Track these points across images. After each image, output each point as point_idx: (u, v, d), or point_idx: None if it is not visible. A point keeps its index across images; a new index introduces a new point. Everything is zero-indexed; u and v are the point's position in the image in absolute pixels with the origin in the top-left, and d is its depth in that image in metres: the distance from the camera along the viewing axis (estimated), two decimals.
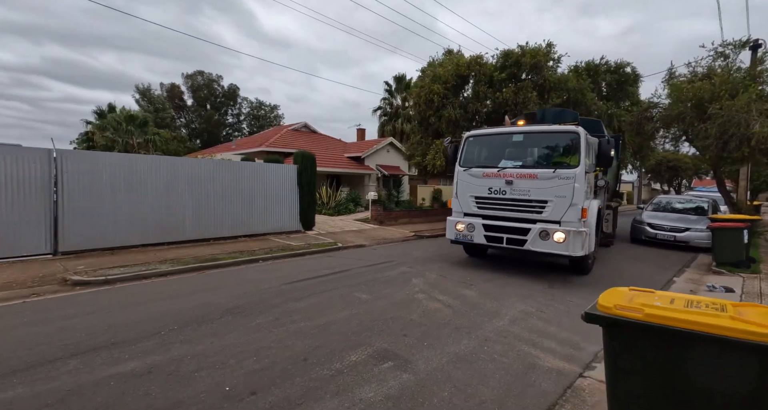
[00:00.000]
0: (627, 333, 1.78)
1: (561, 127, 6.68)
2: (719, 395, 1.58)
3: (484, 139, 7.50)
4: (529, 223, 6.50)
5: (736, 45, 10.77)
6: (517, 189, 6.59)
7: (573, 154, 6.38)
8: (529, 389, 3.08)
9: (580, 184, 6.15)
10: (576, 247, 6.09)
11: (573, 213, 6.14)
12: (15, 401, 2.72)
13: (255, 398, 2.80)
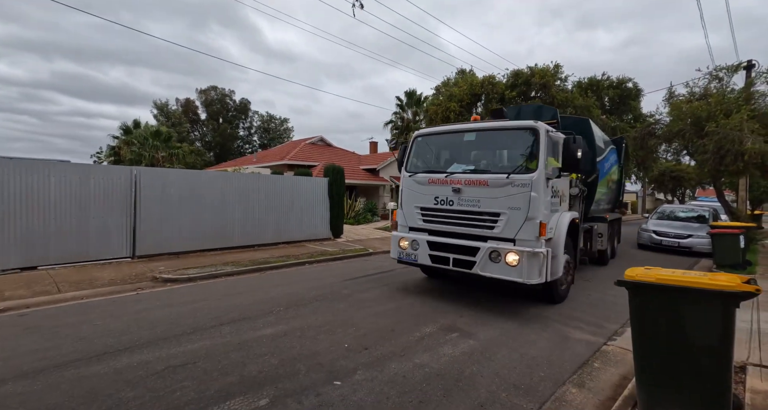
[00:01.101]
0: (644, 291, 2.77)
1: (517, 123, 5.49)
2: (698, 329, 2.57)
3: (434, 140, 6.26)
4: (479, 241, 5.23)
5: (729, 69, 11.89)
6: (466, 198, 5.35)
7: (531, 155, 5.11)
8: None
9: (539, 192, 4.91)
10: (531, 272, 4.81)
11: (529, 229, 4.90)
12: (204, 349, 3.78)
13: (368, 351, 3.84)
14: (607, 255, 9.44)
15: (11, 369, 3.34)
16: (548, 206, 5.19)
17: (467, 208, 5.39)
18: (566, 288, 6.05)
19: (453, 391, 3.19)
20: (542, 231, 4.93)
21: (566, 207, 6.10)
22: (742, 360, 3.72)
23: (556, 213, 5.52)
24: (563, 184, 5.90)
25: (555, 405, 3.04)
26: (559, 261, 5.35)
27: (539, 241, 4.93)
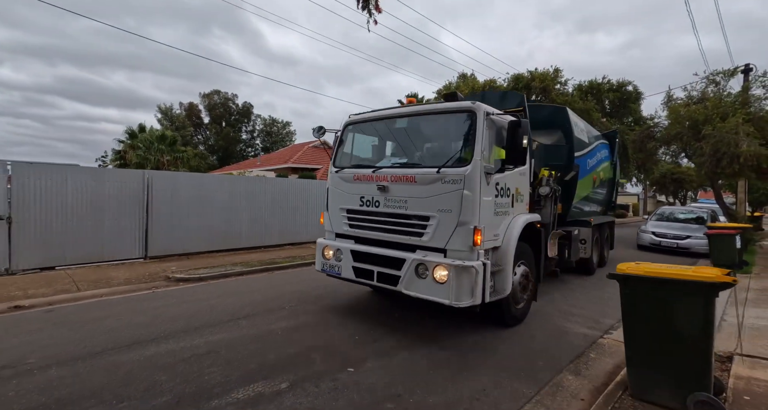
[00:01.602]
0: (633, 283, 3.02)
1: (451, 105, 4.46)
2: (681, 317, 2.82)
3: (367, 127, 5.26)
4: (406, 251, 4.30)
5: (726, 73, 12.16)
6: (393, 198, 4.43)
7: (466, 144, 4.19)
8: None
9: (473, 190, 3.99)
10: (460, 292, 3.87)
11: (460, 236, 3.96)
12: (225, 340, 4.05)
13: (378, 343, 4.11)
14: (592, 264, 8.17)
15: (51, 357, 3.61)
16: (490, 208, 4.24)
17: (394, 210, 4.40)
18: (524, 307, 4.98)
19: (458, 378, 3.43)
20: (476, 240, 3.91)
21: (524, 208, 5.03)
22: (730, 351, 3.96)
23: (504, 216, 4.54)
24: (516, 180, 4.79)
25: (552, 390, 3.28)
26: (506, 276, 4.33)
27: (473, 252, 3.95)
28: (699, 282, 2.73)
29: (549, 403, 3.07)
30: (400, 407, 2.94)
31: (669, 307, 2.85)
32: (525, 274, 4.94)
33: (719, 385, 3.00)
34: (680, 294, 2.80)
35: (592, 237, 7.71)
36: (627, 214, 39.37)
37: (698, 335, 2.75)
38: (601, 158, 8.56)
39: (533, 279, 5.12)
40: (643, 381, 3.00)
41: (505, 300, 4.46)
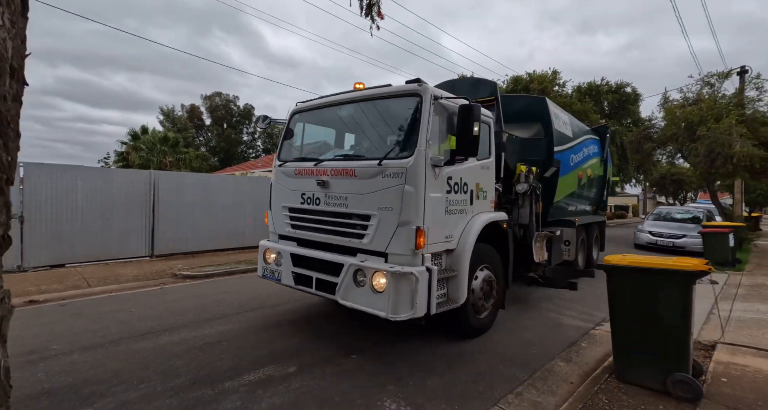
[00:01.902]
0: (618, 273, 3.23)
1: (396, 88, 3.95)
2: (662, 303, 3.02)
3: (314, 116, 4.76)
4: (347, 255, 3.83)
5: (720, 75, 12.39)
6: (333, 195, 3.99)
7: (410, 132, 3.69)
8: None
9: (416, 185, 3.49)
10: (398, 303, 3.35)
11: (401, 238, 3.50)
12: (234, 330, 4.26)
13: (381, 334, 4.30)
14: (577, 268, 7.51)
15: (72, 344, 3.84)
16: (439, 205, 3.74)
17: (334, 209, 3.95)
18: (488, 316, 4.45)
19: (456, 364, 3.64)
20: (419, 242, 3.44)
21: (488, 206, 4.53)
22: (714, 340, 4.16)
23: (461, 215, 4.04)
24: (476, 175, 4.30)
25: (544, 375, 3.49)
26: (460, 282, 3.84)
27: (416, 256, 3.47)
28: (678, 270, 2.94)
29: (540, 385, 3.28)
30: (400, 388, 3.15)
31: (651, 295, 3.06)
32: (488, 280, 4.37)
33: (698, 368, 3.21)
34: (661, 282, 3.01)
35: (576, 238, 7.21)
36: (627, 215, 39.65)
37: (677, 320, 2.95)
38: (588, 154, 8.03)
39: (500, 285, 4.59)
40: (628, 364, 3.21)
41: (461, 310, 3.92)
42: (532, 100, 7.04)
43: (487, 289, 4.38)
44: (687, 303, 2.93)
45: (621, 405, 2.86)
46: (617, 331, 3.27)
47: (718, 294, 6.54)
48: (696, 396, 2.84)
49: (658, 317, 3.02)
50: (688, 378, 2.87)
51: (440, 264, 3.82)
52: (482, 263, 4.34)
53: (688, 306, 2.93)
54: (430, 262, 3.58)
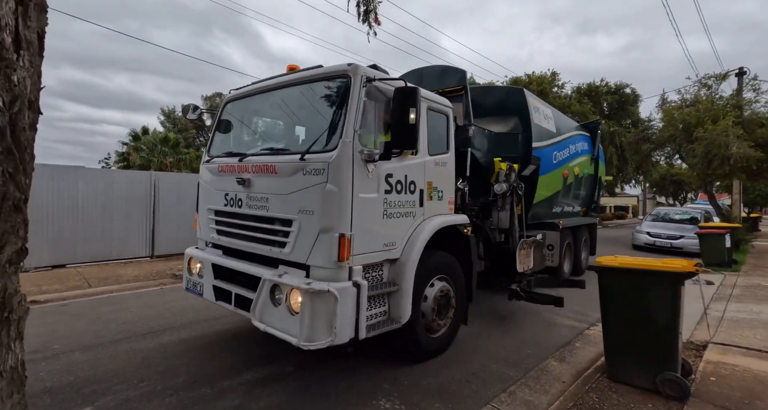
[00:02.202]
0: (609, 274, 3.29)
1: (325, 69, 3.38)
2: (651, 304, 3.08)
3: (249, 105, 4.11)
4: (270, 266, 3.29)
5: (717, 77, 12.45)
6: (254, 195, 3.43)
7: (337, 121, 3.10)
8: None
9: (341, 184, 2.94)
10: (314, 327, 2.80)
11: (323, 248, 2.94)
12: (234, 330, 4.33)
13: None
14: (563, 274, 6.95)
15: (74, 344, 3.90)
16: (374, 207, 3.18)
17: (255, 212, 3.40)
18: (445, 335, 3.89)
19: (451, 364, 3.70)
20: (342, 253, 2.88)
21: (444, 208, 3.98)
22: (706, 340, 4.22)
23: (406, 219, 3.48)
24: (428, 172, 3.74)
25: (537, 374, 3.55)
26: (403, 298, 3.29)
27: (341, 269, 2.91)
28: (666, 272, 3.01)
29: (533, 384, 3.34)
30: (396, 387, 3.21)
31: (641, 295, 3.12)
32: (444, 293, 3.81)
33: (688, 368, 3.27)
34: (650, 283, 3.07)
35: (561, 242, 6.64)
36: (627, 216, 39.75)
37: (666, 321, 3.02)
38: (575, 151, 7.43)
39: (460, 299, 4.01)
40: (618, 364, 3.27)
41: (407, 329, 3.38)
42: (509, 91, 6.39)
43: (443, 304, 3.80)
44: (675, 304, 2.99)
45: (611, 404, 2.92)
46: (608, 332, 3.33)
47: (713, 295, 6.61)
48: (684, 394, 2.90)
49: (648, 317, 3.08)
50: (676, 377, 2.93)
51: (379, 277, 3.28)
52: (437, 273, 3.77)
53: (677, 307, 2.99)
54: (360, 276, 3.02)
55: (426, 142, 3.71)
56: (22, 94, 0.86)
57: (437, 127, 3.94)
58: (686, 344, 4.17)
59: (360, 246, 3.04)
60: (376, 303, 3.21)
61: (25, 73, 0.85)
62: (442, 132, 4.03)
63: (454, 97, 4.69)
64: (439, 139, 3.93)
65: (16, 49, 0.84)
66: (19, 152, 0.90)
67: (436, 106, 3.93)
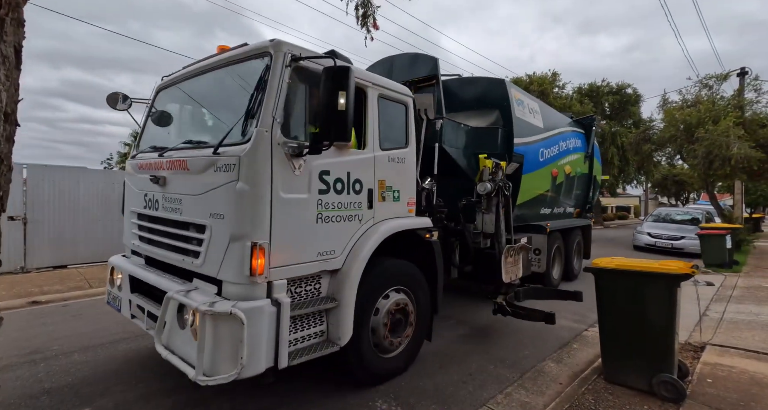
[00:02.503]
0: (606, 275, 3.29)
1: (246, 49, 2.93)
2: (648, 305, 3.08)
3: (181, 91, 3.56)
4: (185, 280, 2.88)
5: (718, 77, 12.42)
6: (169, 196, 3.00)
7: (255, 108, 2.63)
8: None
9: (254, 181, 2.48)
10: (217, 358, 2.33)
11: (233, 259, 2.48)
12: None
13: None
14: (551, 280, 6.49)
15: (73, 345, 3.93)
16: (304, 210, 2.73)
17: (169, 215, 2.97)
18: (403, 355, 3.44)
19: (448, 365, 3.71)
20: (254, 265, 2.41)
21: (400, 210, 3.54)
22: (704, 341, 4.22)
23: (349, 223, 3.05)
24: (380, 169, 3.30)
25: (534, 375, 3.56)
26: (343, 316, 2.85)
27: (256, 285, 2.46)
28: (663, 273, 3.01)
29: (529, 386, 3.35)
30: (393, 389, 3.22)
31: (637, 297, 3.12)
32: (401, 307, 3.36)
33: (684, 369, 3.27)
34: (646, 284, 3.07)
35: (549, 246, 6.21)
36: (628, 216, 39.71)
37: (663, 322, 3.02)
38: (567, 148, 7.00)
39: (422, 312, 3.59)
40: (615, 365, 3.27)
41: (352, 350, 2.93)
42: (490, 82, 5.89)
43: (399, 319, 3.36)
44: (672, 306, 2.99)
45: (607, 405, 2.92)
46: (605, 333, 3.33)
47: (712, 296, 6.60)
48: (679, 396, 2.90)
49: (644, 319, 3.08)
50: (672, 379, 2.94)
51: (314, 292, 2.86)
52: (393, 285, 3.33)
53: (673, 309, 2.99)
54: (284, 292, 2.58)
55: (376, 134, 3.26)
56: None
57: (393, 118, 3.51)
58: (684, 345, 4.18)
59: (283, 256, 2.58)
60: (310, 322, 2.79)
61: (0, 87, 0.87)
62: (399, 124, 3.58)
63: (426, 87, 4.43)
64: (395, 132, 3.53)
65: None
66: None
67: (391, 94, 3.47)
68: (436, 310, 3.79)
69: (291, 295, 2.69)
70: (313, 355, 2.69)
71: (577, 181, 7.71)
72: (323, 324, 2.88)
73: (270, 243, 2.48)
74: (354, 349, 2.96)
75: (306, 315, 2.76)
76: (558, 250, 6.85)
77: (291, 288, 2.70)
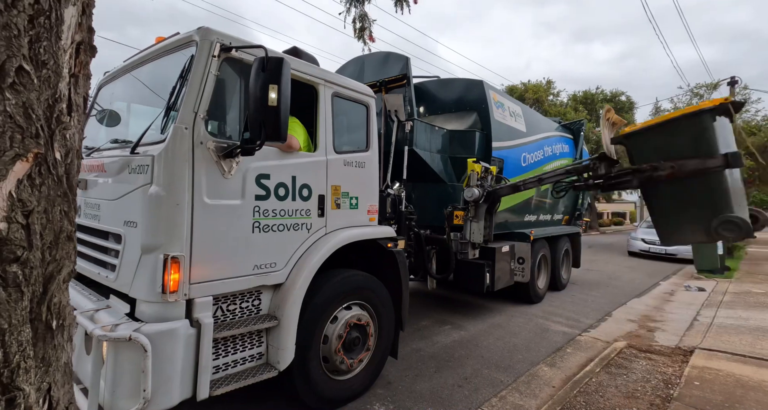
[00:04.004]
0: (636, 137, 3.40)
1: (176, 38, 2.62)
2: None
3: (115, 89, 3.36)
4: (100, 298, 2.56)
5: (709, 86, 12.71)
6: (89, 201, 2.69)
7: (176, 102, 2.35)
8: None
9: (170, 185, 2.18)
10: (117, 391, 1.98)
11: (146, 274, 2.16)
12: None
13: None
14: (535, 290, 6.31)
15: None
16: (236, 218, 2.45)
17: (88, 222, 2.67)
18: (361, 376, 3.19)
19: (444, 369, 3.80)
20: (167, 281, 2.11)
21: (360, 218, 3.29)
22: (694, 345, 4.34)
23: (294, 232, 2.77)
24: (334, 173, 3.05)
25: (527, 379, 3.65)
26: (284, 335, 2.57)
27: (171, 303, 2.15)
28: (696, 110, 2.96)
29: (523, 389, 3.44)
30: (390, 392, 3.31)
31: (672, 144, 3.09)
32: (360, 322, 3.10)
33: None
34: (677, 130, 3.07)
35: (533, 254, 6.04)
36: (624, 222, 40.07)
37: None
38: (554, 153, 6.81)
39: (385, 329, 3.34)
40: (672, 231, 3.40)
41: (298, 373, 2.69)
42: (468, 84, 5.64)
43: (356, 337, 3.07)
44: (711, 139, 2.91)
45: (597, 407, 3.02)
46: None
47: (704, 302, 6.73)
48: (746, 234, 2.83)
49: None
50: (733, 217, 2.84)
51: (252, 309, 2.60)
52: (348, 299, 3.08)
53: (714, 143, 2.91)
54: (208, 311, 2.27)
55: (330, 136, 3.01)
56: (73, 148, 1.06)
57: (351, 119, 3.31)
58: (674, 349, 4.29)
59: (208, 270, 2.29)
60: (245, 343, 2.51)
61: (74, 130, 1.05)
62: (358, 126, 3.38)
63: (398, 87, 4.33)
64: (354, 135, 3.36)
65: (68, 113, 1.06)
66: (71, 193, 1.11)
67: (349, 93, 3.22)
68: (402, 326, 3.51)
69: (222, 313, 2.43)
70: (246, 382, 2.38)
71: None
72: (262, 345, 2.60)
73: (189, 255, 2.20)
74: (301, 371, 2.70)
75: (240, 336, 2.48)
76: (544, 259, 6.72)
77: (222, 305, 2.43)
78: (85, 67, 1.10)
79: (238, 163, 2.41)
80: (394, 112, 3.98)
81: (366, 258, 3.43)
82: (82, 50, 1.09)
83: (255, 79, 2.18)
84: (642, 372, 3.72)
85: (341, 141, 3.17)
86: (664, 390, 3.31)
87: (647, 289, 8.00)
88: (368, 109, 3.43)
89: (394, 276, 3.48)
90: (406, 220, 3.96)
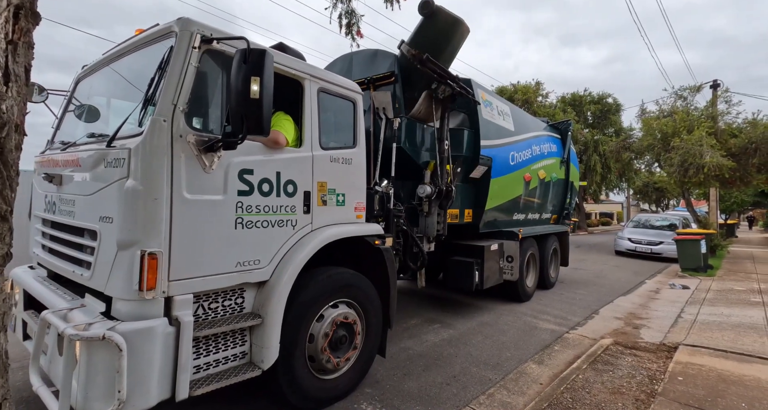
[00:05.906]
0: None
1: (156, 29, 2.57)
2: None
3: (93, 83, 3.31)
4: (74, 296, 2.51)
5: (692, 89, 12.99)
6: (65, 197, 2.65)
7: (154, 94, 2.29)
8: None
9: (147, 179, 2.10)
10: (90, 391, 1.90)
11: (122, 271, 2.09)
12: None
13: None
14: (523, 288, 6.35)
15: None
16: (220, 214, 2.39)
17: (63, 219, 2.64)
18: (348, 375, 3.15)
19: (432, 367, 3.79)
20: (144, 279, 2.06)
21: (347, 215, 3.25)
22: (678, 341, 4.40)
23: (279, 228, 2.72)
24: (321, 169, 3.01)
25: (515, 376, 3.66)
26: (267, 335, 2.52)
27: (149, 303, 2.11)
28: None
29: (511, 387, 3.44)
30: (378, 391, 3.28)
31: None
32: (347, 321, 3.06)
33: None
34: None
35: (521, 253, 6.10)
36: (612, 222, 40.75)
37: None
38: (542, 153, 6.88)
39: (373, 327, 3.32)
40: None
41: (283, 371, 2.66)
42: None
43: (343, 335, 3.05)
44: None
45: (583, 404, 3.04)
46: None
47: (687, 299, 6.84)
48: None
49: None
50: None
51: (235, 307, 2.56)
52: (335, 297, 3.04)
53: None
54: (188, 309, 2.22)
55: (315, 132, 2.96)
56: (9, 120, 1.01)
57: (338, 115, 3.30)
58: (659, 346, 4.35)
59: (188, 267, 2.22)
60: (227, 342, 2.47)
61: (12, 102, 0.99)
62: (345, 122, 3.36)
63: (386, 85, 4.37)
64: (341, 131, 3.33)
65: (5, 82, 0.98)
66: (6, 170, 1.03)
67: (335, 89, 3.19)
68: (390, 324, 3.50)
69: (204, 312, 2.38)
70: (228, 381, 2.33)
71: (553, 186, 7.51)
72: (245, 344, 2.55)
73: (168, 252, 2.14)
74: (285, 370, 2.66)
75: (222, 335, 2.43)
76: (532, 257, 6.76)
77: (204, 303, 2.39)
78: (26, 35, 1.02)
79: (220, 157, 2.36)
80: (382, 110, 3.99)
81: (353, 255, 3.39)
82: (22, 15, 0.99)
83: (236, 71, 2.13)
84: (627, 368, 3.75)
85: (328, 137, 3.13)
86: (648, 386, 3.35)
87: (633, 287, 8.11)
88: (355, 105, 3.40)
89: (382, 274, 3.45)
90: (394, 218, 3.93)
